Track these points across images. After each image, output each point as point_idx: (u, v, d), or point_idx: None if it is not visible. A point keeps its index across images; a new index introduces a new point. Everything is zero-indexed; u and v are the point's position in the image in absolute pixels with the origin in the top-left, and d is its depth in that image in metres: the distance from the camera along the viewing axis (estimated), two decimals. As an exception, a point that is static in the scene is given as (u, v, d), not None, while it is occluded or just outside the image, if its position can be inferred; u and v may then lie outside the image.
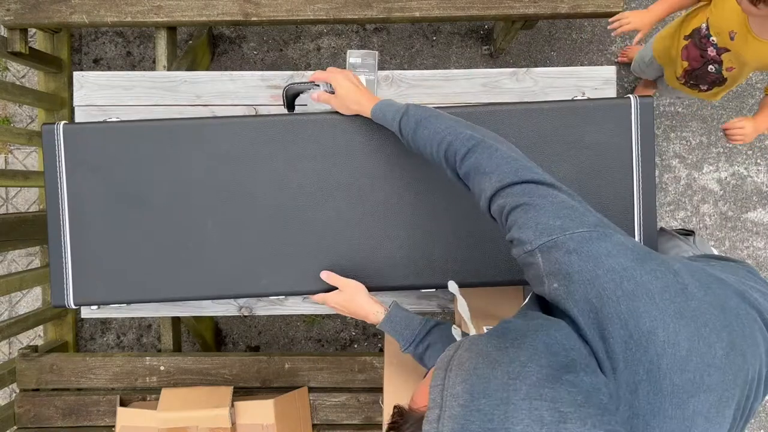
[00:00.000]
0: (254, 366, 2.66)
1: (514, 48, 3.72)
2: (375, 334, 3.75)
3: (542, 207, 1.30)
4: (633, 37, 3.54)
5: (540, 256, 1.23)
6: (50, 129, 2.07)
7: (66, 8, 2.86)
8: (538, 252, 1.23)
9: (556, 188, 1.36)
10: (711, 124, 3.65)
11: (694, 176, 3.68)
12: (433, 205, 2.08)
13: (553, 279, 1.20)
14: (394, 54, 3.74)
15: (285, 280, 2.10)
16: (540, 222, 1.26)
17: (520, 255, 1.29)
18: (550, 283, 1.20)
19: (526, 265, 1.28)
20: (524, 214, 1.31)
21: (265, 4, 2.83)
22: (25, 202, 3.75)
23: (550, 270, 1.20)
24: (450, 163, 1.61)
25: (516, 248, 1.31)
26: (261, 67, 3.76)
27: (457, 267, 2.10)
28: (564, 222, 1.24)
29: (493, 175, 1.45)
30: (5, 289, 2.84)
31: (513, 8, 2.81)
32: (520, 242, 1.28)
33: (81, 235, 2.09)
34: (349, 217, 2.07)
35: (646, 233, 2.07)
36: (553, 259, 1.20)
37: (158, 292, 2.11)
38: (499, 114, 2.06)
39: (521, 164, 1.44)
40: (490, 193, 1.44)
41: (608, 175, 2.05)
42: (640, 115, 2.04)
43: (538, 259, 1.23)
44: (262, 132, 2.06)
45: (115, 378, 2.72)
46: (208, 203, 2.07)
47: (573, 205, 1.30)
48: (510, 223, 1.34)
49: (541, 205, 1.30)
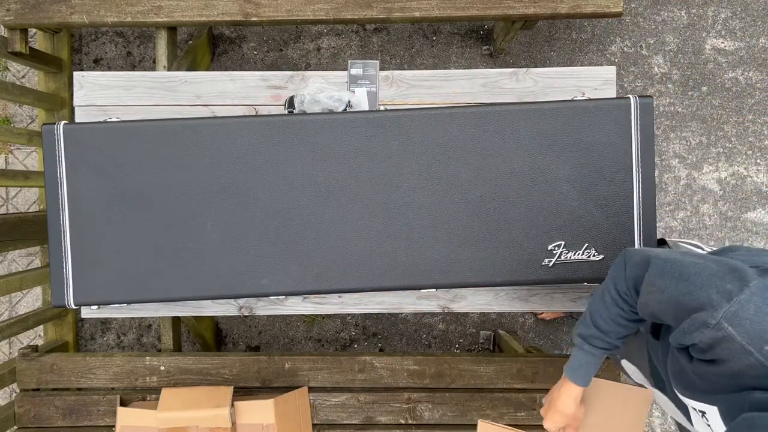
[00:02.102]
0: (254, 366, 2.66)
1: (514, 48, 3.72)
2: (375, 334, 3.76)
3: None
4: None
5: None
6: (50, 129, 2.08)
7: (66, 8, 2.86)
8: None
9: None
10: (711, 124, 3.65)
11: (694, 176, 3.67)
12: (433, 205, 2.08)
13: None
14: (394, 54, 3.74)
15: (285, 280, 2.10)
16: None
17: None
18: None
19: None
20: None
21: (265, 4, 2.83)
22: (25, 202, 3.75)
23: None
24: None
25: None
26: (261, 67, 3.76)
27: (458, 267, 2.11)
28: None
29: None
30: (5, 289, 2.84)
31: (513, 8, 2.81)
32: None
33: (81, 235, 2.09)
34: (349, 217, 2.08)
35: (645, 234, 2.08)
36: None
37: (158, 292, 2.11)
38: (499, 114, 2.06)
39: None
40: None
41: (608, 175, 2.06)
42: (640, 115, 2.04)
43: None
44: (262, 132, 2.06)
45: (115, 378, 2.71)
46: (208, 203, 2.07)
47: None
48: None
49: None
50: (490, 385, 2.62)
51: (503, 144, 2.07)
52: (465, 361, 2.62)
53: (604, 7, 2.83)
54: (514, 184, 2.09)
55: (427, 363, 2.62)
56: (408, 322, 3.75)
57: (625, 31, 3.68)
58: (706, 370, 1.30)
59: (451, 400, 2.60)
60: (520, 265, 2.12)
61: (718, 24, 3.65)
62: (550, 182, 2.08)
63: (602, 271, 2.11)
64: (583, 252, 2.10)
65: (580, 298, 2.39)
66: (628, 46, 3.69)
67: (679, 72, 3.66)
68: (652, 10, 3.66)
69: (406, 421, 2.61)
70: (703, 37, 3.66)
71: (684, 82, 3.66)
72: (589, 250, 2.10)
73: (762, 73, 3.65)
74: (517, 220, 2.10)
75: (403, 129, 2.08)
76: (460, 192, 2.08)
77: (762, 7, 3.64)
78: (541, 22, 3.63)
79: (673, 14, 3.66)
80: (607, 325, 1.65)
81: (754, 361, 1.16)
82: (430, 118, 2.08)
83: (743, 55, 3.65)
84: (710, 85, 3.66)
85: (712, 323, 1.21)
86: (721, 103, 3.66)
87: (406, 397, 2.61)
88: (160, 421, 2.45)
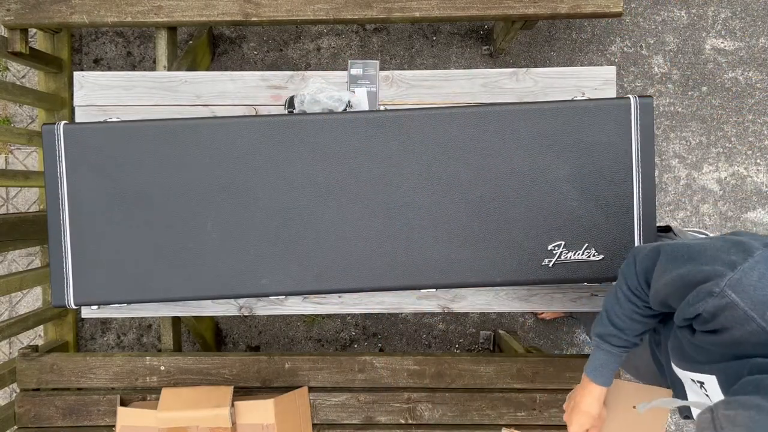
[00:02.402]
0: (254, 366, 2.66)
1: (514, 48, 3.73)
2: (375, 334, 3.76)
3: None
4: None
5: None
6: (50, 129, 2.08)
7: (66, 8, 2.86)
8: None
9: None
10: (711, 124, 3.66)
11: (694, 176, 3.68)
12: (433, 205, 2.09)
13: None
14: (394, 54, 3.74)
15: (285, 280, 2.10)
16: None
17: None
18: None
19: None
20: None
21: (265, 5, 2.83)
22: (25, 202, 3.76)
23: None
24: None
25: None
26: (261, 67, 3.77)
27: (458, 267, 2.11)
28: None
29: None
30: (5, 289, 2.84)
31: (513, 8, 2.82)
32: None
33: (81, 235, 2.09)
34: (349, 217, 2.08)
35: (645, 233, 2.08)
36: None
37: (158, 292, 2.12)
38: (499, 114, 2.06)
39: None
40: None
41: (608, 175, 2.06)
42: (640, 115, 2.05)
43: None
44: (262, 132, 2.06)
45: (115, 378, 2.72)
46: (209, 203, 2.07)
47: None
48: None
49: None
50: (490, 385, 2.62)
51: (503, 144, 2.07)
52: (465, 361, 2.62)
53: (604, 7, 2.83)
54: (514, 184, 2.09)
55: (427, 363, 2.63)
56: (408, 322, 3.76)
57: (625, 31, 3.68)
58: (707, 340, 1.33)
59: (451, 400, 2.60)
60: (520, 265, 2.12)
61: (718, 24, 3.66)
62: (550, 182, 2.08)
63: (602, 271, 2.11)
64: (583, 252, 2.11)
65: (580, 298, 2.39)
66: (628, 46, 3.69)
67: (679, 72, 3.67)
68: (652, 10, 3.67)
69: (406, 421, 2.62)
70: (703, 37, 3.67)
71: (684, 82, 3.66)
72: (589, 250, 2.10)
73: (762, 73, 3.65)
74: (517, 220, 2.10)
75: (403, 129, 2.08)
76: (460, 192, 2.08)
77: (762, 7, 3.64)
78: (541, 22, 3.63)
79: (673, 14, 3.66)
80: (622, 323, 1.67)
81: (756, 327, 1.18)
82: (430, 118, 2.08)
83: (743, 55, 3.66)
84: (710, 85, 3.66)
85: (716, 291, 1.24)
86: (721, 103, 3.67)
87: (406, 396, 2.61)
88: (160, 421, 2.45)
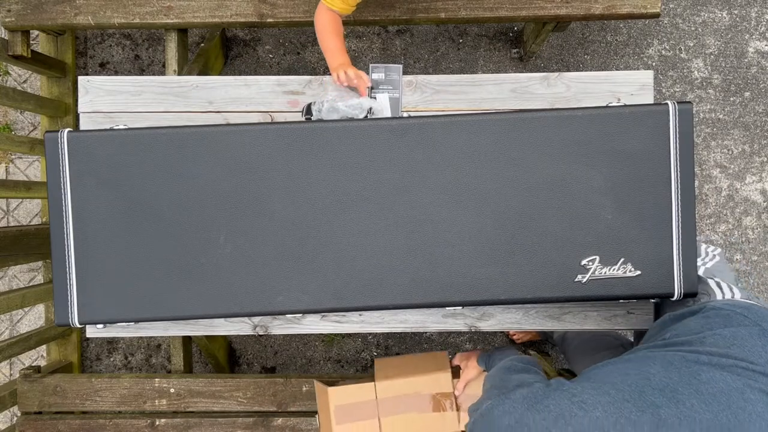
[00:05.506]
0: (270, 389, 2.66)
1: (545, 51, 3.72)
2: (398, 354, 3.75)
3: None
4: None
5: None
6: (53, 137, 2.08)
7: (70, 9, 2.88)
8: None
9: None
10: (754, 131, 3.63)
11: (736, 187, 3.65)
12: (459, 218, 2.08)
13: None
14: (418, 57, 3.74)
15: (302, 297, 2.09)
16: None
17: None
18: None
19: None
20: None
21: (282, 5, 2.84)
22: (27, 214, 3.77)
23: None
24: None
25: None
26: (277, 71, 3.77)
27: (485, 283, 2.10)
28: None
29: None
30: (6, 306, 2.85)
31: (544, 9, 2.81)
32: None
33: (86, 250, 2.09)
34: (369, 231, 2.07)
35: (684, 247, 2.06)
36: None
37: (168, 310, 2.11)
38: (529, 121, 2.05)
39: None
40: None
41: (645, 186, 2.04)
42: (679, 122, 2.03)
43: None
44: (278, 140, 2.06)
45: (122, 401, 2.72)
46: (221, 216, 2.07)
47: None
48: None
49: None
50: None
51: (534, 153, 2.06)
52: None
53: (641, 8, 2.82)
54: (544, 196, 2.07)
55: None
56: (433, 341, 3.74)
57: (663, 33, 3.67)
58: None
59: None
60: (552, 281, 2.10)
61: (762, 25, 3.64)
62: (584, 193, 2.07)
63: (639, 287, 2.09)
64: (618, 267, 2.09)
65: (615, 317, 2.38)
66: (666, 49, 3.68)
67: (720, 76, 3.65)
68: (691, 11, 3.65)
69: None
70: (745, 40, 3.65)
71: (726, 87, 3.64)
72: (625, 266, 2.09)
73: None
74: (548, 233, 2.09)
75: (428, 137, 2.07)
76: (487, 204, 2.07)
77: (809, 7, 3.62)
78: (573, 24, 3.62)
79: (713, 15, 3.65)
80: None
81: None
82: (456, 126, 2.07)
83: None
84: (753, 90, 3.64)
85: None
86: (765, 110, 3.64)
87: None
88: (381, 390, 2.41)
